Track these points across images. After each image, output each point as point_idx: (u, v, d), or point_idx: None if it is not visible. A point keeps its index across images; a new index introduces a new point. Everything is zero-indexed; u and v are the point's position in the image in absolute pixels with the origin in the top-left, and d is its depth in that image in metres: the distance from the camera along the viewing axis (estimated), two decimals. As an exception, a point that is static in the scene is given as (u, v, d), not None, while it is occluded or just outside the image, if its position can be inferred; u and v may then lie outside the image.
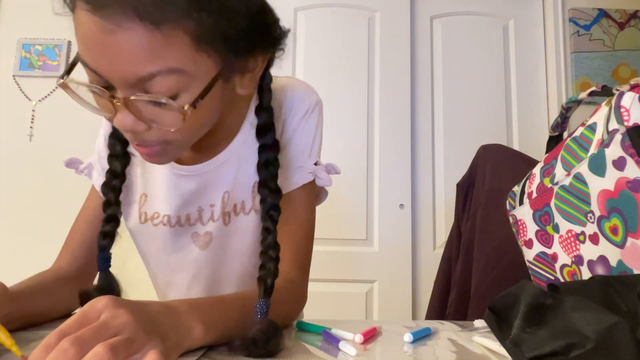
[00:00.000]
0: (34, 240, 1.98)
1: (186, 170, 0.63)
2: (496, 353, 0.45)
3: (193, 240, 0.65)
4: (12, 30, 2.12)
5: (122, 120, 0.46)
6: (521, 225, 0.64)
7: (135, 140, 0.50)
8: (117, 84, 0.45)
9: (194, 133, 0.53)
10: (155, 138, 0.49)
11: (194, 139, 0.54)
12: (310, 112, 0.65)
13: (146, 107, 0.46)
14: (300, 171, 0.63)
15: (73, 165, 0.69)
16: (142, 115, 0.46)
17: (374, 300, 1.97)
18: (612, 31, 2.14)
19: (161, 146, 0.50)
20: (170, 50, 0.43)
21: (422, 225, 2.05)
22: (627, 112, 0.47)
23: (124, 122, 0.46)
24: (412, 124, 2.11)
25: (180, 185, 0.63)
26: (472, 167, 1.26)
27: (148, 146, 0.50)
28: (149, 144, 0.50)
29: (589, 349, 0.34)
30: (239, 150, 0.63)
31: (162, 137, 0.49)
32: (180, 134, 0.49)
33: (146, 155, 0.51)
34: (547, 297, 0.39)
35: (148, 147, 0.50)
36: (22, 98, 2.08)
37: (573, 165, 0.54)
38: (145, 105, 0.46)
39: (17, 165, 2.04)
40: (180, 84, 0.45)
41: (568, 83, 2.11)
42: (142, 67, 0.43)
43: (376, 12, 2.17)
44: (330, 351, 0.45)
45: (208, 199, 0.64)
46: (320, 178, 0.63)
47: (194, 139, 0.54)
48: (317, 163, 0.65)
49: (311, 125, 0.65)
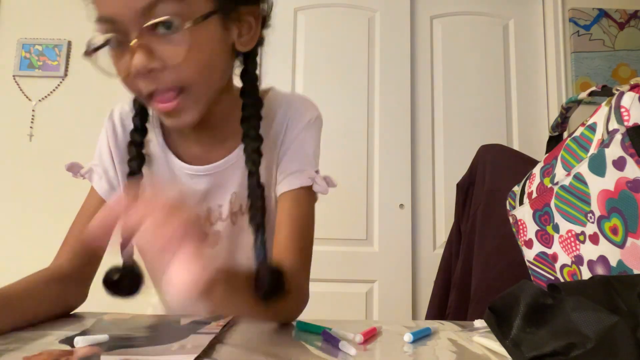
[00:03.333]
0: (33, 240, 1.98)
1: (197, 170, 0.65)
2: (496, 353, 0.45)
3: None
4: (12, 30, 2.12)
5: (139, 61, 0.50)
6: (521, 225, 0.64)
7: (151, 85, 0.52)
8: (128, 23, 0.50)
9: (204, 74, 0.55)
10: (168, 80, 0.52)
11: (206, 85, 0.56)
12: (312, 122, 0.67)
13: (156, 46, 0.50)
14: (301, 174, 0.64)
15: (73, 170, 0.69)
16: (154, 55, 0.50)
17: (374, 300, 1.97)
18: (612, 31, 2.14)
19: (178, 98, 0.53)
20: None
21: (422, 225, 2.05)
22: (627, 112, 0.47)
23: (141, 61, 0.50)
24: (412, 124, 2.11)
25: (191, 185, 0.65)
26: (472, 167, 1.26)
27: (166, 100, 0.53)
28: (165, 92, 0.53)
29: (589, 349, 0.34)
30: (236, 156, 0.65)
31: (177, 79, 0.52)
32: (189, 70, 0.52)
33: (166, 115, 0.55)
34: (547, 297, 0.39)
35: (167, 101, 0.53)
36: (22, 98, 2.08)
37: (573, 165, 0.54)
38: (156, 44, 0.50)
39: (17, 165, 2.04)
40: (178, 12, 0.50)
41: (568, 83, 2.11)
42: None
43: (376, 12, 2.17)
44: (330, 351, 0.45)
45: (217, 199, 0.66)
46: (318, 184, 0.65)
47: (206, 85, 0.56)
48: (317, 172, 0.67)
49: (312, 135, 0.67)
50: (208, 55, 0.54)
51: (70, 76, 2.10)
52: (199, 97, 0.56)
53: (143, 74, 0.51)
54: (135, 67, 0.50)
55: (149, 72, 0.51)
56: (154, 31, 0.50)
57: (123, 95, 0.59)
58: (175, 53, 0.50)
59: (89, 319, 0.57)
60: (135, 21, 0.49)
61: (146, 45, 0.50)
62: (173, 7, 0.49)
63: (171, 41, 0.50)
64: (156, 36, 0.50)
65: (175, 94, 0.53)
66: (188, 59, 0.51)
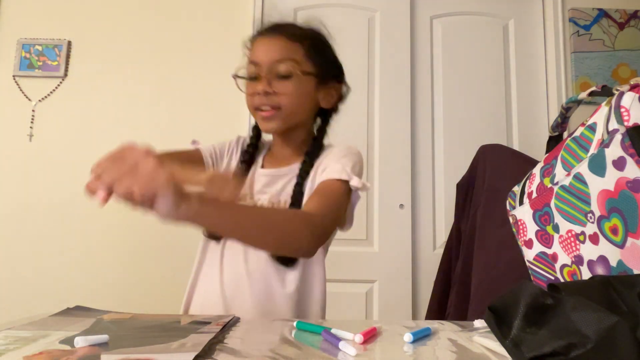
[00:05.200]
0: (33, 240, 1.98)
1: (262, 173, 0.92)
2: (496, 353, 0.45)
3: None
4: (12, 30, 2.12)
5: (261, 87, 0.82)
6: (521, 225, 0.64)
7: (261, 103, 0.83)
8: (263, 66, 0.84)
9: (294, 107, 0.85)
10: (272, 102, 0.83)
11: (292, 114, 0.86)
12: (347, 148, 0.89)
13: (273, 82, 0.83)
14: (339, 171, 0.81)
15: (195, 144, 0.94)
16: (271, 85, 0.83)
17: (374, 300, 1.97)
18: (612, 31, 2.14)
19: (274, 111, 0.84)
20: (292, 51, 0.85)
21: (422, 225, 2.05)
22: (627, 112, 0.47)
23: (263, 87, 0.82)
24: (412, 124, 2.11)
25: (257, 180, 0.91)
26: (472, 167, 1.26)
27: (266, 110, 0.84)
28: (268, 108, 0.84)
29: (589, 349, 0.34)
30: (294, 171, 0.88)
31: (277, 103, 0.83)
32: (287, 100, 0.83)
33: (264, 120, 0.86)
34: (547, 297, 0.39)
35: (266, 111, 0.84)
36: (22, 98, 2.08)
37: (573, 165, 0.54)
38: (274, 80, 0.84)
39: (17, 165, 2.04)
40: (294, 67, 0.84)
41: (568, 83, 2.11)
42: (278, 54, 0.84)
43: (376, 12, 2.17)
44: (330, 351, 0.45)
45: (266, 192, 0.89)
46: (355, 179, 0.80)
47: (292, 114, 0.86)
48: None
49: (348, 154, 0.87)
50: (301, 95, 0.86)
51: (70, 76, 2.10)
52: (285, 116, 0.85)
53: (261, 94, 0.83)
54: (259, 90, 0.83)
55: (265, 94, 0.83)
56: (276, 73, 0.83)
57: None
58: (284, 89, 0.83)
59: (88, 319, 0.57)
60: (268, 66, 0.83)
61: (269, 80, 0.83)
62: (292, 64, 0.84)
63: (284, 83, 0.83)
64: (276, 76, 0.83)
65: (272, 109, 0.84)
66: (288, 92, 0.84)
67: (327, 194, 0.79)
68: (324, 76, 0.89)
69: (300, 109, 0.87)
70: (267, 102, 0.83)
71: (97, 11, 2.14)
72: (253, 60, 0.85)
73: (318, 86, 0.88)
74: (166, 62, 2.09)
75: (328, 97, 0.91)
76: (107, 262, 1.93)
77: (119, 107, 2.06)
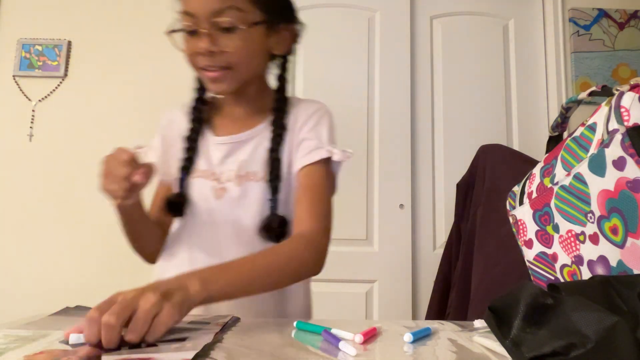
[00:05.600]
0: (33, 240, 1.98)
1: (218, 140, 0.83)
2: (496, 353, 0.45)
3: (213, 191, 0.80)
4: (12, 30, 2.12)
5: (203, 44, 0.72)
6: (521, 225, 0.64)
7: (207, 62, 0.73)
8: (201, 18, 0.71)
9: (245, 63, 0.76)
10: (220, 61, 0.73)
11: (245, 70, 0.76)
12: (318, 111, 0.84)
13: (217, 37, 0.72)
14: (317, 151, 0.78)
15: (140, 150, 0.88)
16: (215, 43, 0.72)
17: (374, 300, 1.97)
18: (612, 31, 2.14)
19: (223, 72, 0.74)
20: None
21: (422, 225, 2.05)
22: (627, 112, 0.47)
23: (205, 45, 0.72)
24: (412, 124, 2.11)
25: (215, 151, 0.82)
26: (472, 167, 1.26)
27: (215, 71, 0.74)
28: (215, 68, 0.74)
29: (589, 349, 0.34)
30: (261, 134, 0.81)
31: (226, 61, 0.73)
32: (237, 58, 0.74)
33: (212, 81, 0.76)
34: (547, 297, 0.39)
35: (214, 72, 0.74)
36: (22, 98, 2.08)
37: (573, 165, 0.54)
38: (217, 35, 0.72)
39: (17, 165, 2.03)
40: (238, 18, 0.72)
41: (568, 83, 2.11)
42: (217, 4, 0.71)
43: (376, 12, 2.17)
44: (330, 351, 0.45)
45: (229, 164, 0.81)
46: (336, 154, 0.79)
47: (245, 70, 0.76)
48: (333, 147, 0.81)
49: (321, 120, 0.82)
50: (251, 50, 0.76)
51: (70, 76, 2.10)
52: (237, 75, 0.76)
53: (204, 54, 0.73)
54: (201, 49, 0.72)
55: (209, 54, 0.72)
56: (218, 27, 0.72)
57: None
58: (230, 44, 0.73)
59: (88, 318, 0.57)
60: (207, 18, 0.71)
61: (211, 35, 0.72)
62: (235, 14, 0.72)
63: (229, 37, 0.72)
64: (219, 30, 0.72)
65: (221, 69, 0.74)
66: (237, 49, 0.73)
67: (315, 198, 0.76)
68: (274, 21, 0.78)
69: (252, 63, 0.78)
70: (214, 63, 0.73)
71: (97, 11, 2.14)
72: (187, 10, 0.73)
73: (269, 32, 0.77)
74: (166, 62, 2.08)
75: (281, 42, 0.81)
76: (107, 262, 1.93)
77: (118, 107, 2.06)
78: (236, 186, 0.79)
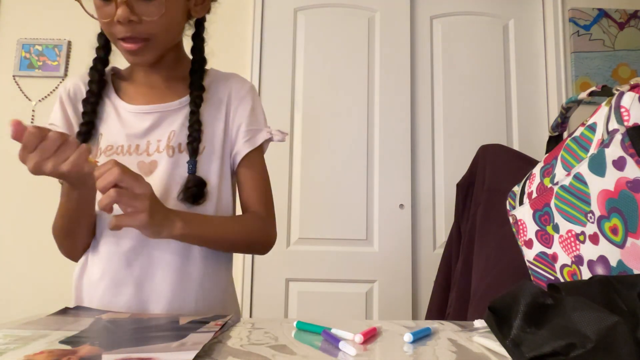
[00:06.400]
0: (33, 240, 1.98)
1: (140, 109, 0.77)
2: (496, 353, 0.45)
3: (139, 168, 0.75)
4: (12, 30, 2.12)
5: (122, 13, 0.66)
6: (521, 225, 0.64)
7: (127, 33, 0.68)
8: None
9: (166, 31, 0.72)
10: (140, 31, 0.68)
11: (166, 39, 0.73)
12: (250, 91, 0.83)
13: (136, 5, 0.67)
14: (259, 133, 0.80)
15: None
16: (133, 11, 0.67)
17: (374, 300, 1.97)
18: (612, 31, 2.14)
19: (143, 43, 0.70)
20: None
21: (422, 225, 2.05)
22: (627, 112, 0.47)
23: (124, 14, 0.66)
24: (412, 124, 2.11)
25: (135, 122, 0.77)
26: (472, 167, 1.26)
27: (133, 43, 0.69)
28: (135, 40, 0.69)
29: (589, 349, 0.34)
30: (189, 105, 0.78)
31: (146, 31, 0.69)
32: (157, 28, 0.69)
33: (131, 53, 0.71)
34: (547, 297, 0.39)
35: (133, 43, 0.69)
36: (22, 98, 2.08)
37: (573, 165, 0.54)
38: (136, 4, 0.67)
39: (17, 166, 2.03)
40: None
41: (568, 83, 2.11)
42: None
43: (376, 12, 2.17)
44: (330, 351, 0.45)
45: (156, 135, 0.76)
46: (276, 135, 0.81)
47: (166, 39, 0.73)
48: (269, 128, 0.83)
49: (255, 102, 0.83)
50: (173, 18, 0.72)
51: (70, 76, 2.10)
52: (158, 45, 0.72)
53: (122, 23, 0.67)
54: (119, 17, 0.66)
55: (128, 23, 0.67)
56: None
57: None
58: (150, 13, 0.68)
59: (87, 318, 0.57)
60: None
61: (129, 3, 0.66)
62: None
63: (148, 4, 0.68)
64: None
65: (141, 40, 0.69)
66: (158, 20, 0.68)
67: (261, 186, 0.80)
68: None
69: (173, 31, 0.75)
70: (133, 33, 0.68)
71: (97, 11, 2.14)
72: None
73: None
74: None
75: (200, 4, 0.77)
76: (107, 262, 1.93)
77: (119, 107, 2.06)
78: (168, 157, 0.74)
